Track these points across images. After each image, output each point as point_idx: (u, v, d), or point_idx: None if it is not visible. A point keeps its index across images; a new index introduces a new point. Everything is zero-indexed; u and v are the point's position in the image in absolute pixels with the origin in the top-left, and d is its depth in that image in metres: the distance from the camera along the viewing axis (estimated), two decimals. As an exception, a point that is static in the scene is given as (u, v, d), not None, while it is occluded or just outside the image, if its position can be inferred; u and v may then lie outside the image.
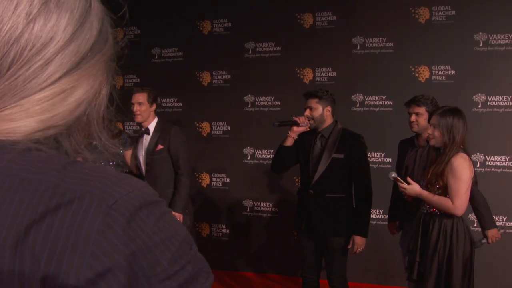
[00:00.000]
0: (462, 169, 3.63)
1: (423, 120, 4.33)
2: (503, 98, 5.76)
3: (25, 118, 0.68)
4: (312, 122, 4.34)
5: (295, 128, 4.35)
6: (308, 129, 4.39)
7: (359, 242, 4.31)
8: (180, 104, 6.91)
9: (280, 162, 4.57)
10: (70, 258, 0.61)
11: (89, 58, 0.74)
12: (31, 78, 0.68)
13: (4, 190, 0.63)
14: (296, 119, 4.33)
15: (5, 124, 0.68)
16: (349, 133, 4.40)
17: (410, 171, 4.40)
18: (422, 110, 4.36)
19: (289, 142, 4.41)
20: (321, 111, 4.35)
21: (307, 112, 4.37)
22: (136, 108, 4.62)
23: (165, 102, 6.94)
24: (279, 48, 6.47)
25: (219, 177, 6.77)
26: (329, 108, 4.38)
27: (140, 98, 4.65)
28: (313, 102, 4.36)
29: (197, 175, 6.84)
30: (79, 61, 0.72)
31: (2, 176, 0.64)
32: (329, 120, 4.40)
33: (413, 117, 4.41)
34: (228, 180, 6.74)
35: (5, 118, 0.68)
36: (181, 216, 4.60)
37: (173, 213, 4.73)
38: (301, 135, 4.43)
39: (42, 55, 0.69)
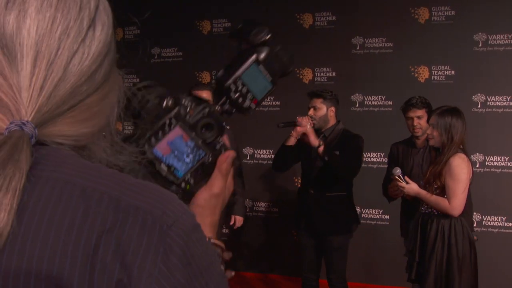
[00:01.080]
0: (460, 170, 3.63)
1: (424, 122, 4.32)
2: (502, 98, 5.76)
3: (78, 123, 0.70)
4: (315, 122, 4.35)
5: (298, 128, 4.33)
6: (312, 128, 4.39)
7: (312, 136, 4.26)
8: (180, 104, 6.90)
9: (282, 161, 4.58)
10: (139, 274, 0.63)
11: (115, 64, 0.76)
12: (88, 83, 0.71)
13: (66, 197, 0.64)
14: (300, 119, 4.33)
15: (63, 127, 0.69)
16: (349, 134, 4.42)
17: (414, 173, 4.35)
18: (422, 112, 4.35)
19: (292, 141, 4.41)
20: (325, 111, 4.37)
21: (311, 112, 4.38)
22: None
23: (164, 102, 6.92)
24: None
25: (218, 178, 6.75)
26: (333, 108, 4.41)
27: (204, 94, 4.67)
28: (318, 102, 4.38)
29: (196, 175, 6.82)
30: (113, 66, 0.75)
31: (61, 182, 0.65)
32: (332, 121, 4.43)
33: (416, 121, 4.39)
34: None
35: (64, 122, 0.69)
36: (242, 220, 4.79)
37: (235, 216, 4.78)
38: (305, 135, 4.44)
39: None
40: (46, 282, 0.61)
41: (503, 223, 5.75)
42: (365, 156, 5.91)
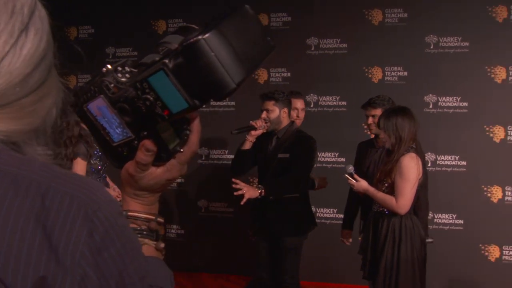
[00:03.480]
0: (409, 169, 3.67)
1: None
2: (453, 99, 5.89)
3: (9, 120, 0.71)
4: (268, 124, 4.34)
5: (253, 132, 4.33)
6: (266, 131, 4.39)
7: (251, 191, 4.15)
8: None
9: (240, 166, 4.57)
10: (64, 255, 0.65)
11: (53, 67, 0.78)
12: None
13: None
14: (253, 123, 4.31)
15: None
16: (302, 135, 4.41)
17: (371, 172, 4.39)
18: (378, 112, 4.34)
19: (247, 145, 4.40)
20: (278, 113, 4.35)
21: (264, 115, 4.37)
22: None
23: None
24: (234, 49, 6.45)
25: (174, 178, 6.72)
26: (285, 110, 4.39)
27: (299, 104, 4.78)
28: (270, 105, 4.36)
29: (152, 176, 6.77)
30: (49, 70, 0.77)
31: None
32: (285, 122, 4.41)
33: (370, 120, 4.42)
34: (182, 180, 6.69)
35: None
36: None
37: None
38: (259, 137, 4.43)
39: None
40: None
41: (453, 220, 5.88)
42: (319, 155, 5.97)
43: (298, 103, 4.86)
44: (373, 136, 4.56)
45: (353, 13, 6.15)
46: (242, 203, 4.14)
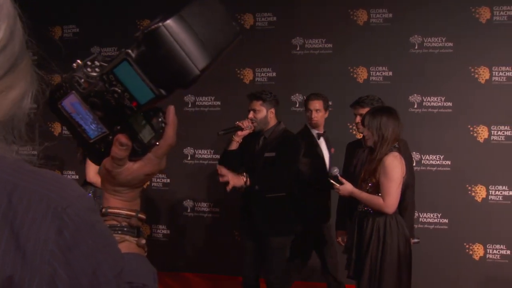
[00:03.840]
0: (393, 168, 3.70)
1: None
2: (437, 99, 5.92)
3: None
4: (255, 124, 4.35)
5: (239, 132, 4.33)
6: (253, 131, 4.39)
7: (236, 179, 4.12)
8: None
9: (227, 166, 4.55)
10: (32, 254, 0.64)
11: (21, 60, 0.76)
12: None
13: None
14: (240, 123, 4.31)
15: None
16: (288, 134, 4.43)
17: (358, 172, 4.40)
18: (366, 110, 4.37)
19: (234, 146, 4.39)
20: (265, 113, 4.37)
21: (251, 115, 4.37)
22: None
23: (104, 102, 6.82)
24: (219, 48, 6.45)
25: (159, 178, 6.70)
26: (272, 110, 4.40)
27: (317, 105, 4.76)
28: (257, 105, 4.37)
29: (137, 176, 6.74)
30: (13, 63, 0.74)
31: None
32: (272, 122, 4.42)
33: (358, 119, 4.42)
34: (168, 180, 6.68)
35: None
36: None
37: None
38: (246, 138, 4.43)
39: None
40: None
41: (438, 219, 5.91)
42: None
43: (312, 104, 4.88)
44: (361, 136, 4.57)
45: (338, 13, 6.17)
46: (228, 190, 4.12)
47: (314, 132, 4.91)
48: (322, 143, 4.93)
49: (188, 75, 0.82)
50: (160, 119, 0.93)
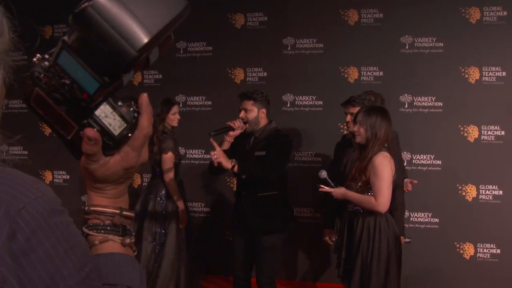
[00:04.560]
0: (383, 167, 3.70)
1: None
2: (428, 99, 5.94)
3: None
4: (247, 125, 4.33)
5: (231, 132, 4.32)
6: (244, 132, 4.37)
7: (224, 159, 4.13)
8: (111, 104, 6.77)
9: (217, 167, 4.52)
10: None
11: None
12: None
13: None
14: (231, 124, 4.30)
15: None
16: (279, 133, 4.40)
17: (347, 171, 4.39)
18: (357, 110, 4.38)
19: (226, 146, 4.37)
20: (256, 113, 4.34)
21: (242, 114, 4.35)
22: None
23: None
24: (210, 48, 6.45)
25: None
26: (264, 110, 4.37)
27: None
28: (249, 104, 4.34)
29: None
30: None
31: None
32: (263, 122, 4.39)
33: (349, 117, 4.44)
34: (159, 180, 6.66)
35: None
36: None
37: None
38: (238, 138, 4.41)
39: None
40: None
41: (429, 219, 5.93)
42: (296, 155, 5.98)
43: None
44: (346, 133, 4.58)
45: (329, 13, 6.17)
46: (214, 163, 4.13)
47: None
48: None
49: (124, 57, 0.74)
50: (131, 109, 0.86)
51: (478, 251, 5.86)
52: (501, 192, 5.82)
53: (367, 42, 6.08)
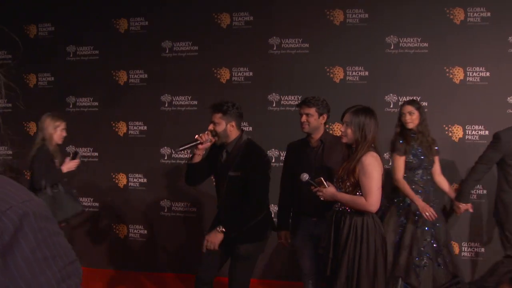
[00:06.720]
0: (372, 168, 3.73)
1: (313, 120, 4.38)
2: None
3: None
4: (216, 138, 4.21)
5: (200, 146, 4.19)
6: (215, 144, 4.27)
7: (212, 238, 4.11)
8: (96, 103, 6.76)
9: (192, 179, 4.45)
10: None
11: None
12: None
13: None
14: (198, 137, 4.17)
15: None
16: (251, 149, 4.25)
17: (305, 169, 4.35)
18: (312, 111, 4.39)
19: (197, 159, 4.27)
20: (224, 127, 4.19)
21: (211, 127, 4.22)
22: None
23: (80, 102, 6.77)
24: (196, 48, 6.44)
25: (136, 178, 6.67)
26: (233, 123, 4.21)
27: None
28: (217, 117, 4.20)
29: (113, 176, 6.72)
30: None
31: None
32: (233, 135, 4.25)
33: (304, 118, 4.43)
34: (145, 180, 6.66)
35: None
36: None
37: None
38: (213, 147, 4.32)
39: None
40: None
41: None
42: (280, 155, 5.99)
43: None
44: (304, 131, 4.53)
45: (315, 13, 6.18)
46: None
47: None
48: None
49: None
50: None
51: (463, 249, 5.91)
52: (485, 192, 5.90)
53: (352, 42, 6.10)
